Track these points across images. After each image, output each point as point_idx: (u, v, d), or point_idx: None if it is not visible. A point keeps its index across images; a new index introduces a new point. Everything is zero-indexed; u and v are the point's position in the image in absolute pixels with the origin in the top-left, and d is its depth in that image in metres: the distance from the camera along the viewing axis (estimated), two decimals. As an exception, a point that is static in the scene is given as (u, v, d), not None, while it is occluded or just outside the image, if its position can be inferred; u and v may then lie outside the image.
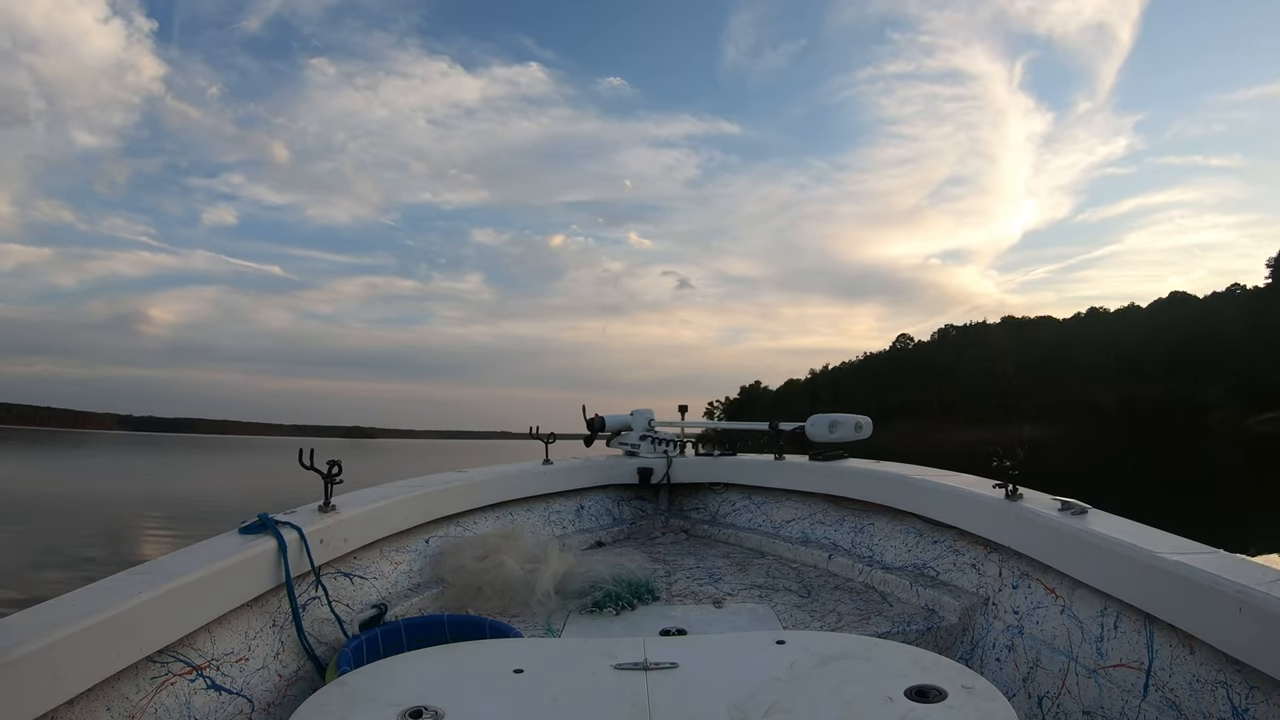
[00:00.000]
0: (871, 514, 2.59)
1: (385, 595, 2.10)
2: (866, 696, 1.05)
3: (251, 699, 1.51)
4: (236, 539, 1.65)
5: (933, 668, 1.12)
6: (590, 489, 3.24)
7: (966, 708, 1.00)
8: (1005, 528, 1.92)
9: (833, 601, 2.23)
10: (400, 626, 1.78)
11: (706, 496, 3.34)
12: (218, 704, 1.44)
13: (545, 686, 1.12)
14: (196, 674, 1.42)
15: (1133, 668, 1.45)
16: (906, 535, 2.40)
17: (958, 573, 2.13)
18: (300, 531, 1.73)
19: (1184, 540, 1.51)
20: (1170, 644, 1.39)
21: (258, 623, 1.63)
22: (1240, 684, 1.24)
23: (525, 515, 2.91)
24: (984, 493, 2.04)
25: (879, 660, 1.16)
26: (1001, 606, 1.90)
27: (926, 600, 2.11)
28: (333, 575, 1.95)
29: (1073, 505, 1.77)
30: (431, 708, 1.03)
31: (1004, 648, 1.82)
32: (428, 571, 2.32)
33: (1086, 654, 1.57)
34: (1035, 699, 1.65)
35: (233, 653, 1.53)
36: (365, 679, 1.15)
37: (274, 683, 1.59)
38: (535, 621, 2.06)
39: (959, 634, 1.96)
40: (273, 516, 1.75)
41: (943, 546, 2.23)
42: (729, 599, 2.26)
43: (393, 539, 2.24)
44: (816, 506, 2.84)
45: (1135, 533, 1.57)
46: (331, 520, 1.88)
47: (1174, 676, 1.36)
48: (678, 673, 1.15)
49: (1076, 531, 1.64)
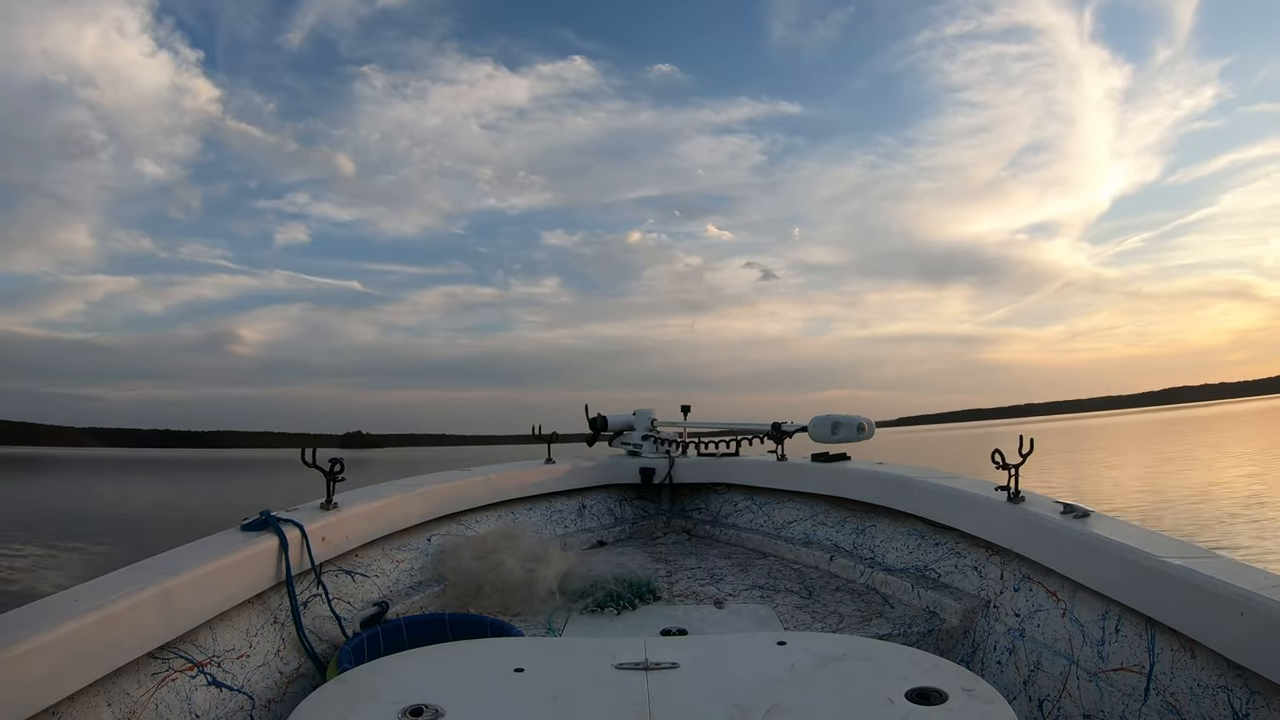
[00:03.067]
0: (873, 516, 2.58)
1: (386, 593, 2.11)
2: (867, 698, 1.05)
3: (252, 696, 1.51)
4: (238, 536, 1.66)
5: (934, 670, 1.12)
6: (592, 488, 3.24)
7: (967, 710, 1.00)
8: (1007, 530, 1.92)
9: (834, 603, 2.23)
10: (401, 624, 1.78)
11: (708, 497, 3.34)
12: (218, 700, 1.44)
13: (546, 685, 1.13)
14: (197, 670, 1.43)
15: (1134, 671, 1.45)
16: (908, 537, 2.40)
17: (959, 575, 2.12)
18: (302, 529, 1.73)
19: (1185, 544, 1.50)
20: (1171, 648, 1.38)
21: (259, 620, 1.63)
22: (1241, 689, 1.23)
23: (527, 514, 2.91)
24: (986, 495, 2.04)
25: (880, 662, 1.16)
26: (1003, 609, 1.90)
27: (928, 602, 2.10)
28: (334, 573, 1.95)
29: (1075, 508, 1.77)
30: (432, 706, 1.03)
31: (1005, 650, 1.81)
32: (429, 570, 2.32)
33: (1087, 657, 1.57)
34: (1036, 702, 1.65)
35: (234, 649, 1.54)
36: (366, 676, 1.15)
37: (275, 680, 1.59)
38: (536, 620, 2.07)
39: (960, 636, 1.96)
40: (275, 514, 1.75)
41: (944, 549, 2.23)
42: (730, 599, 2.26)
43: (394, 537, 2.24)
44: (818, 508, 2.84)
45: (1137, 536, 1.57)
46: (333, 518, 1.89)
47: (1175, 680, 1.36)
48: (678, 673, 1.15)
49: (1078, 535, 1.64)
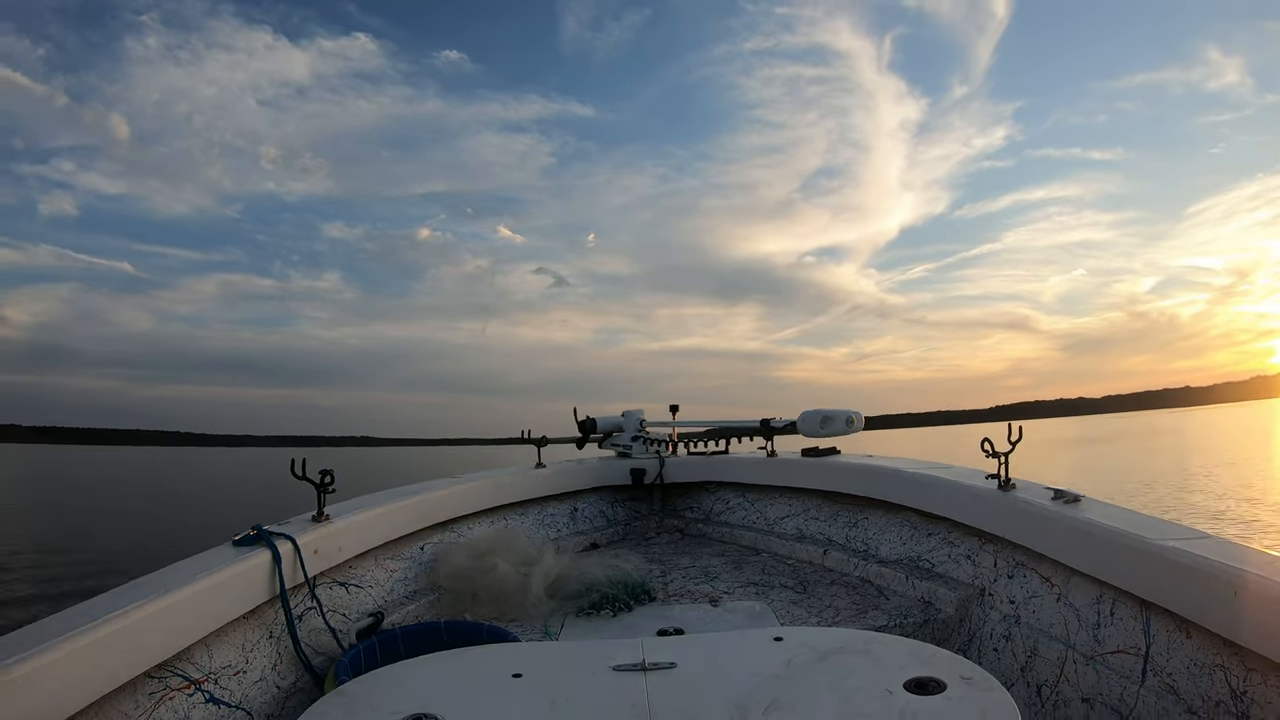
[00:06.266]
0: (865, 508, 2.60)
1: (381, 603, 2.09)
2: (866, 690, 1.05)
3: (251, 712, 1.50)
4: (230, 551, 1.64)
5: (931, 660, 1.13)
6: (584, 491, 3.24)
7: (966, 699, 1.00)
8: (999, 518, 1.94)
9: (829, 597, 2.24)
10: (397, 634, 1.77)
11: (700, 495, 3.34)
12: (217, 718, 1.42)
13: (544, 690, 1.12)
14: (195, 688, 1.41)
15: (1130, 654, 1.46)
16: (901, 529, 2.41)
17: (953, 564, 2.14)
18: (294, 542, 1.71)
19: (1178, 525, 1.52)
20: (1167, 629, 1.40)
21: (255, 635, 1.62)
22: (1238, 666, 1.25)
23: (519, 519, 2.90)
24: (977, 484, 2.05)
25: (877, 654, 1.17)
26: (998, 597, 1.91)
27: (923, 593, 2.12)
28: (328, 585, 1.93)
29: (1065, 494, 1.78)
30: (431, 714, 1.02)
31: (1001, 638, 1.83)
32: (423, 578, 2.31)
33: (1084, 641, 1.58)
34: (1034, 688, 1.66)
35: (230, 666, 1.52)
36: (364, 688, 1.14)
37: (273, 694, 1.58)
38: (532, 625, 2.06)
39: (956, 625, 1.98)
40: (266, 527, 1.73)
41: (937, 539, 2.25)
42: (725, 597, 2.26)
43: (387, 547, 2.22)
44: (810, 502, 2.85)
45: (1129, 520, 1.58)
46: (325, 530, 1.87)
47: (1171, 661, 1.38)
48: (676, 672, 1.15)
49: (1070, 520, 1.65)
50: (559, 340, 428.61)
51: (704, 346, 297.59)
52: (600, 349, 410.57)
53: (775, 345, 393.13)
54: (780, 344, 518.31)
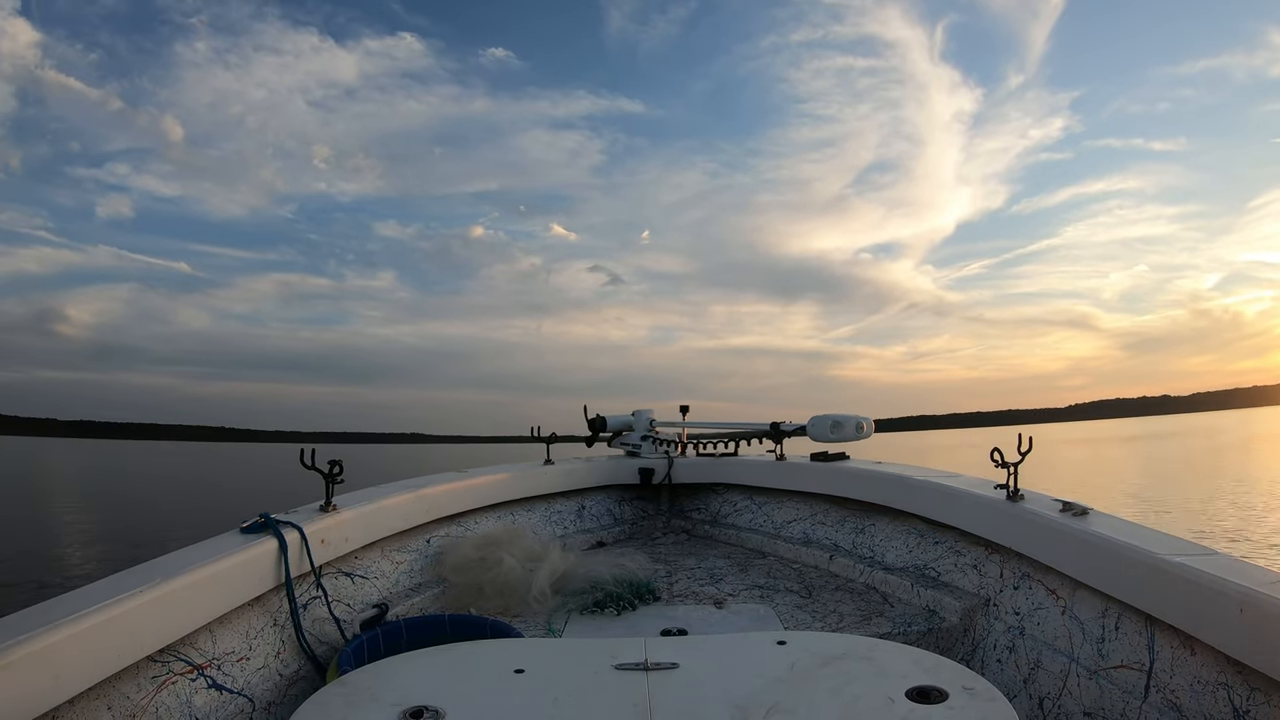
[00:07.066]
0: (873, 515, 2.58)
1: (386, 595, 2.11)
2: (868, 697, 1.05)
3: (252, 698, 1.51)
4: (238, 538, 1.66)
5: (934, 669, 1.12)
6: (592, 489, 3.24)
7: (968, 709, 1.00)
8: (1006, 529, 1.92)
9: (834, 602, 2.23)
10: (401, 626, 1.78)
11: (708, 497, 3.34)
12: (219, 703, 1.44)
13: (546, 686, 1.12)
14: (197, 673, 1.42)
15: (1134, 669, 1.45)
16: (908, 536, 2.40)
17: (959, 574, 2.12)
18: (301, 531, 1.73)
19: (1185, 541, 1.50)
20: (1171, 645, 1.39)
21: (259, 622, 1.63)
22: (1241, 685, 1.23)
23: (526, 515, 2.91)
24: (985, 494, 2.04)
25: (880, 661, 1.16)
26: (1003, 607, 1.90)
27: (928, 601, 2.11)
28: (334, 575, 1.95)
29: (1074, 506, 1.77)
30: (432, 707, 1.03)
31: (1005, 649, 1.81)
32: (429, 571, 2.32)
33: (1087, 655, 1.57)
34: (1036, 700, 1.65)
35: (234, 652, 1.53)
36: (366, 678, 1.15)
37: (275, 682, 1.59)
38: (536, 621, 2.07)
39: (960, 635, 1.96)
40: (274, 516, 1.75)
41: (944, 547, 2.23)
42: (730, 599, 2.26)
43: (394, 538, 2.24)
44: (818, 507, 2.84)
45: (1136, 534, 1.57)
46: (332, 520, 1.88)
47: (1175, 678, 1.36)
48: (678, 673, 1.15)
49: (1078, 532, 1.64)
50: (614, 338, 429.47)
51: (761, 345, 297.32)
52: (655, 347, 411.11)
53: (831, 344, 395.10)
54: (836, 342, 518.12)
